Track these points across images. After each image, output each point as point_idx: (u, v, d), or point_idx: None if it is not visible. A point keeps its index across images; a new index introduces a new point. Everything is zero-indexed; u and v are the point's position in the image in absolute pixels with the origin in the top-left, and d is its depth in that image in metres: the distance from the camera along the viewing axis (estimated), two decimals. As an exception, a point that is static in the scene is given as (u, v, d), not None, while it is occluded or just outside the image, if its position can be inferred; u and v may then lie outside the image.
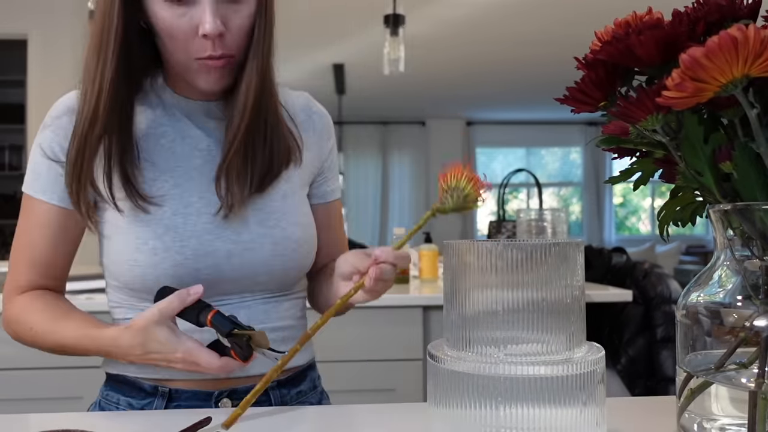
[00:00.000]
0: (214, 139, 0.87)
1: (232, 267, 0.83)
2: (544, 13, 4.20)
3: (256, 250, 0.84)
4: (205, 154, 0.86)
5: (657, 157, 0.60)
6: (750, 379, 0.53)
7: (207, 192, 0.84)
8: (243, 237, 0.83)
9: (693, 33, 0.52)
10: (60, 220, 0.84)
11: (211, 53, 0.77)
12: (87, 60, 0.79)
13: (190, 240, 0.81)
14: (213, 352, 0.73)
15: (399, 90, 6.28)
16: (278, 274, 0.86)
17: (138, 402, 0.85)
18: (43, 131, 0.84)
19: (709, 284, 0.57)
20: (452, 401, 0.55)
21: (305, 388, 0.93)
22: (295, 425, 0.71)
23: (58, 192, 0.83)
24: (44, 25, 3.60)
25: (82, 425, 0.68)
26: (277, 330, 0.87)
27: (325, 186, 0.97)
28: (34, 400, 1.74)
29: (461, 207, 0.72)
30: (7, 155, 4.72)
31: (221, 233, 0.83)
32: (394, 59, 2.69)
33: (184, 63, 0.79)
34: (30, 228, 0.85)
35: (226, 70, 0.80)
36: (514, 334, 0.54)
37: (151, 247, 0.80)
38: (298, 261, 0.87)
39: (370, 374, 1.83)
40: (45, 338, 0.83)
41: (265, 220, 0.85)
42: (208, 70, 0.78)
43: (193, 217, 0.83)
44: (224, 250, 0.83)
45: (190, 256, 0.81)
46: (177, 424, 0.67)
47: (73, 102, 0.84)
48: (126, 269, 0.82)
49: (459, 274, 0.56)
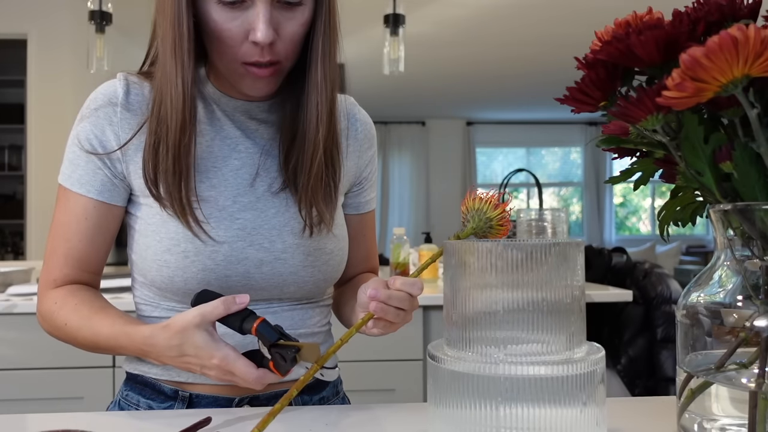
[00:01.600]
0: (253, 142, 0.85)
1: (262, 276, 0.82)
2: (545, 13, 4.20)
3: (288, 260, 0.82)
4: (243, 156, 0.84)
5: (657, 157, 0.60)
6: (750, 379, 0.53)
7: (242, 196, 0.82)
8: (276, 246, 0.82)
9: (693, 33, 0.52)
10: (98, 213, 0.81)
11: (258, 59, 0.75)
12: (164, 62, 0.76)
13: (222, 246, 0.80)
14: (250, 362, 0.69)
15: (399, 90, 6.28)
16: (307, 285, 0.85)
17: (158, 405, 0.84)
18: (80, 122, 0.81)
19: (710, 284, 0.57)
20: (452, 401, 0.55)
21: (328, 394, 0.92)
22: (295, 425, 0.71)
23: (97, 185, 0.81)
24: (44, 25, 3.60)
25: (83, 425, 0.68)
26: (302, 337, 0.87)
27: (361, 196, 0.95)
28: (34, 400, 1.74)
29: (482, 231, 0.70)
30: (6, 155, 4.72)
31: (254, 240, 0.81)
32: (394, 59, 2.68)
33: (230, 66, 0.77)
34: (67, 221, 0.81)
35: (273, 77, 0.78)
36: (514, 334, 0.54)
37: (182, 250, 0.79)
38: (328, 273, 0.86)
39: (370, 374, 1.83)
40: (79, 334, 0.79)
41: (299, 230, 0.83)
42: (254, 76, 0.77)
43: (226, 221, 0.80)
44: (256, 259, 0.81)
45: (221, 262, 0.79)
46: (177, 424, 0.67)
47: (115, 92, 0.81)
48: (155, 268, 0.80)
49: (459, 274, 0.56)
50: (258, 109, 0.86)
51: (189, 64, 0.75)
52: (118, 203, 0.83)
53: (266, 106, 0.86)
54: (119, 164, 0.81)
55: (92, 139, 0.80)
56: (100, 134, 0.80)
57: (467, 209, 0.71)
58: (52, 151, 3.58)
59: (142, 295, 0.86)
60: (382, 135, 7.85)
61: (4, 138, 4.62)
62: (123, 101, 0.80)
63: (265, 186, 0.84)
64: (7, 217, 4.59)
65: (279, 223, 0.83)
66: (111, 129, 0.80)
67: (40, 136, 3.60)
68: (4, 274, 2.01)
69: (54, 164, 3.93)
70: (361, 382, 1.80)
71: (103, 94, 0.81)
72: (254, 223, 0.82)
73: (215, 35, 0.75)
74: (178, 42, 0.74)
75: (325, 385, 0.92)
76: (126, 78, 0.82)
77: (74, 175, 0.81)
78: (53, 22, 3.60)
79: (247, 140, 0.84)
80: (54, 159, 3.61)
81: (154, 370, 0.85)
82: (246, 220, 0.81)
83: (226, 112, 0.85)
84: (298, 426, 0.71)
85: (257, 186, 0.83)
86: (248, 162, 0.84)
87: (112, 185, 0.81)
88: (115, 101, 0.80)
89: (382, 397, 1.84)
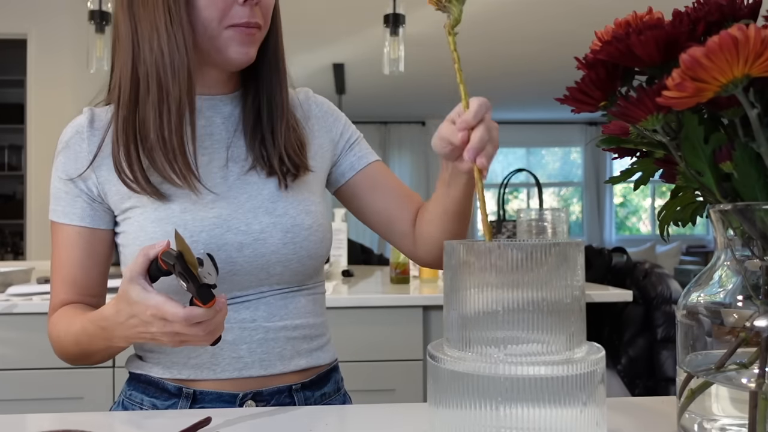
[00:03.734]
0: (219, 136, 0.88)
1: (245, 259, 0.84)
2: (545, 13, 4.20)
3: (267, 240, 0.84)
4: (209, 151, 0.87)
5: (657, 157, 0.60)
6: (750, 380, 0.53)
7: (214, 188, 0.85)
8: (253, 227, 0.84)
9: (693, 33, 0.52)
10: (83, 239, 0.86)
11: (248, 20, 0.80)
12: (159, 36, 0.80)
13: (200, 235, 0.82)
14: (179, 303, 0.68)
15: (399, 90, 6.28)
16: (292, 264, 0.86)
17: (162, 403, 0.85)
18: (56, 159, 0.88)
19: (710, 284, 0.57)
20: (452, 401, 0.55)
21: (329, 390, 0.93)
22: (295, 425, 0.71)
23: (78, 212, 0.86)
24: (44, 25, 3.60)
25: (83, 425, 0.68)
26: (298, 327, 0.88)
27: (351, 155, 0.97)
28: (34, 400, 1.74)
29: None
30: (6, 155, 4.72)
31: (231, 226, 0.84)
32: (394, 59, 2.68)
33: (216, 34, 0.81)
34: (59, 252, 0.87)
35: (256, 41, 0.83)
36: (514, 334, 0.54)
37: None
38: (310, 249, 0.87)
39: (370, 374, 1.83)
40: (66, 340, 0.84)
41: (273, 209, 0.86)
42: (242, 38, 0.81)
43: (201, 213, 0.83)
44: (235, 242, 0.83)
45: (202, 251, 0.81)
46: (178, 424, 0.67)
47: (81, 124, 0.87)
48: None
49: (459, 274, 0.56)
50: (221, 103, 0.89)
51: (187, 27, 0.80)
52: (101, 226, 0.87)
53: (228, 98, 0.90)
54: (95, 188, 0.86)
55: (68, 170, 0.86)
56: (73, 163, 0.86)
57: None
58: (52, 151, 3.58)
59: None
60: (382, 135, 7.85)
61: (4, 138, 4.63)
62: (88, 128, 0.86)
63: (234, 175, 0.87)
64: (7, 217, 4.59)
65: (253, 206, 0.85)
66: (82, 156, 0.86)
67: (40, 136, 3.60)
68: (4, 274, 2.01)
69: (54, 164, 3.83)
70: (361, 382, 1.80)
71: (71, 127, 0.88)
72: (229, 209, 0.84)
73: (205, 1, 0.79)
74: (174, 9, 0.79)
75: (326, 380, 0.92)
76: (90, 109, 0.89)
77: (58, 209, 0.87)
78: (53, 22, 3.60)
79: (212, 135, 0.88)
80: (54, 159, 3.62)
81: (157, 369, 0.86)
82: (221, 208, 0.84)
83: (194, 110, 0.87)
84: (298, 426, 0.71)
85: (227, 176, 0.86)
86: (215, 156, 0.87)
87: (91, 210, 0.86)
88: (81, 130, 0.87)
89: (382, 397, 1.84)
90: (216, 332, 0.70)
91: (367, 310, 1.82)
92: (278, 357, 0.86)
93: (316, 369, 0.91)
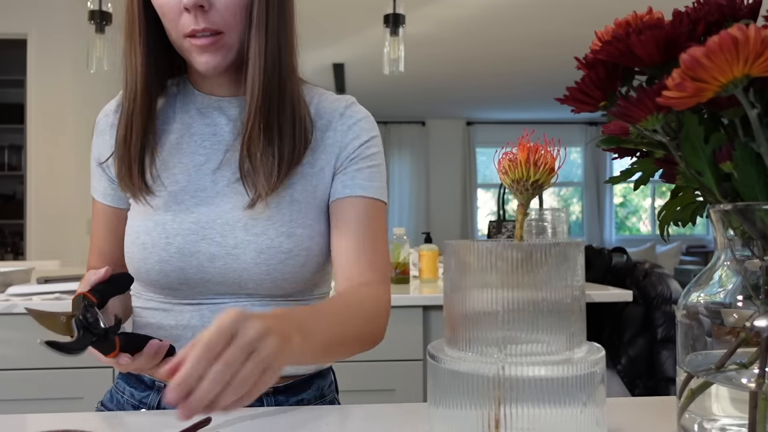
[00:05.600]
0: (221, 138, 0.87)
1: (217, 270, 0.82)
2: (545, 13, 4.20)
3: (239, 256, 0.81)
4: (209, 152, 0.86)
5: (657, 157, 0.60)
6: (750, 380, 0.53)
7: (201, 191, 0.84)
8: (228, 241, 0.82)
9: (693, 33, 0.52)
10: (106, 216, 0.93)
11: (194, 27, 0.76)
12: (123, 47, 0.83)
13: (175, 238, 0.82)
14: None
15: (399, 90, 6.28)
16: (266, 284, 0.82)
17: (138, 394, 0.88)
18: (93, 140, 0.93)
19: (710, 284, 0.57)
20: (452, 401, 0.55)
21: (309, 397, 0.90)
22: (295, 425, 0.71)
23: (101, 191, 0.92)
24: (44, 25, 3.60)
25: (83, 425, 0.68)
26: None
27: (338, 182, 0.87)
28: (34, 400, 1.74)
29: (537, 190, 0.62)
30: (6, 155, 4.71)
31: (206, 234, 0.82)
32: (394, 59, 2.68)
33: (178, 43, 0.80)
34: (94, 223, 0.95)
35: (217, 48, 0.78)
36: (514, 334, 0.54)
37: (141, 242, 0.83)
38: (286, 272, 0.82)
39: (370, 374, 1.83)
40: None
41: (252, 226, 0.82)
42: (196, 49, 0.78)
43: (181, 215, 0.83)
44: (208, 253, 0.82)
45: (174, 254, 0.82)
46: (178, 424, 0.67)
47: (110, 107, 0.91)
48: (127, 260, 0.86)
49: (459, 274, 0.56)
50: (229, 105, 0.88)
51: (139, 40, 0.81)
52: (120, 206, 0.92)
53: (236, 101, 0.88)
54: (110, 170, 0.90)
55: (94, 151, 0.92)
56: (100, 146, 0.91)
57: (514, 180, 0.62)
58: (52, 151, 3.58)
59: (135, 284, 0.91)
60: (382, 135, 7.81)
61: (4, 138, 4.62)
62: (114, 111, 0.89)
63: (225, 181, 0.85)
64: (7, 217, 4.59)
65: (232, 219, 0.83)
66: (104, 138, 0.90)
67: (40, 136, 3.60)
68: (4, 274, 2.01)
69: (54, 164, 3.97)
70: (361, 382, 1.80)
71: (102, 110, 0.93)
72: (208, 217, 0.83)
73: (160, 11, 0.79)
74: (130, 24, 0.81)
75: (306, 387, 0.90)
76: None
77: (93, 184, 0.94)
78: (53, 22, 3.60)
79: (214, 137, 0.87)
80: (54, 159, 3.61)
81: None
82: (201, 213, 0.83)
83: (200, 109, 0.88)
84: (298, 426, 0.71)
85: (218, 180, 0.85)
86: (212, 157, 0.86)
87: (112, 190, 0.91)
88: (108, 113, 0.91)
89: (382, 397, 1.84)
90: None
91: (367, 310, 1.81)
92: None
93: (293, 377, 0.88)
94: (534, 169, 0.62)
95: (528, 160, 0.62)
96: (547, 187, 0.64)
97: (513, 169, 0.63)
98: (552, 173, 0.63)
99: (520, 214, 0.63)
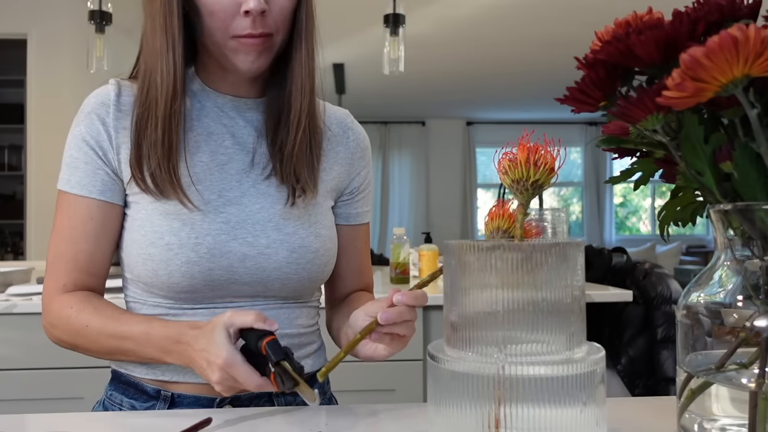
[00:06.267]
0: (241, 138, 0.86)
1: (246, 270, 0.82)
2: (545, 13, 4.20)
3: (271, 256, 0.83)
4: (230, 151, 0.85)
5: (657, 157, 0.60)
6: (750, 380, 0.53)
7: (227, 191, 0.84)
8: (260, 240, 0.83)
9: (693, 33, 0.52)
10: (102, 213, 0.83)
11: (251, 31, 0.77)
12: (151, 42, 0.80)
13: (206, 238, 0.81)
14: (253, 369, 0.69)
15: (399, 90, 6.28)
16: (292, 283, 0.85)
17: (140, 404, 0.85)
18: (76, 127, 0.84)
19: (710, 284, 0.57)
20: (452, 401, 0.55)
21: None
22: (295, 426, 0.71)
23: (98, 185, 0.82)
24: (44, 25, 3.60)
25: (83, 426, 0.68)
26: (287, 337, 0.87)
27: (351, 207, 0.95)
28: (34, 400, 1.74)
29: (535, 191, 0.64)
30: (6, 155, 4.71)
31: (237, 234, 0.82)
32: (394, 59, 2.68)
33: (222, 42, 0.79)
34: (71, 225, 0.82)
35: (264, 49, 0.80)
36: (514, 334, 0.54)
37: (166, 242, 0.80)
38: (312, 271, 0.86)
39: (370, 374, 1.83)
40: (102, 334, 0.79)
41: (284, 226, 0.84)
42: (247, 49, 0.78)
43: (210, 215, 0.82)
44: (239, 253, 0.82)
45: (204, 254, 0.80)
46: (178, 424, 0.67)
47: (107, 95, 0.83)
48: (140, 263, 0.81)
49: (459, 274, 0.56)
50: (245, 106, 0.88)
51: (179, 38, 0.78)
52: (119, 202, 0.84)
53: (253, 103, 0.88)
54: (114, 162, 0.83)
55: (89, 140, 0.82)
56: (96, 134, 0.82)
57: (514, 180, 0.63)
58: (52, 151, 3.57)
59: (131, 293, 0.88)
60: (382, 135, 7.84)
61: (4, 138, 4.62)
62: (115, 102, 0.83)
63: (250, 181, 0.85)
64: (7, 217, 4.59)
65: (263, 219, 0.84)
66: (104, 129, 0.82)
67: (40, 136, 3.60)
68: (4, 274, 2.01)
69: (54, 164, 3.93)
70: (362, 382, 1.80)
71: (95, 96, 0.84)
72: (238, 217, 0.83)
73: (206, 10, 0.77)
74: (169, 18, 0.78)
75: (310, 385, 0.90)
76: (118, 82, 0.85)
77: (73, 179, 0.83)
78: (53, 22, 3.60)
79: (234, 137, 0.86)
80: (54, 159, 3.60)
81: (138, 369, 0.85)
82: (230, 214, 0.83)
83: (215, 108, 0.87)
84: (297, 426, 0.71)
85: (243, 181, 0.85)
86: (235, 157, 0.85)
87: (112, 183, 0.83)
88: (107, 102, 0.83)
89: (382, 397, 1.84)
90: None
91: (367, 310, 1.82)
92: None
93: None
94: (534, 169, 0.63)
95: (528, 160, 0.63)
96: (547, 187, 0.64)
97: (513, 169, 0.63)
98: (552, 173, 0.64)
99: (520, 214, 0.64)
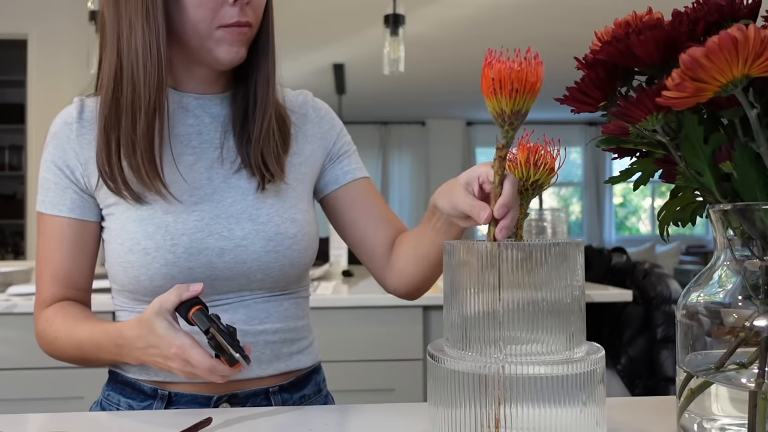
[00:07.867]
0: (208, 136, 0.87)
1: (226, 264, 0.83)
2: (545, 14, 4.20)
3: (248, 247, 0.83)
4: (197, 151, 0.86)
5: (657, 157, 0.60)
6: (750, 379, 0.53)
7: (198, 189, 0.84)
8: (235, 233, 0.83)
9: (693, 33, 0.52)
10: (73, 231, 0.85)
11: (238, 19, 0.79)
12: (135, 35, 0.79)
13: (181, 238, 0.81)
14: (205, 351, 0.69)
15: (399, 90, 6.28)
16: (274, 272, 0.85)
17: (138, 404, 0.85)
18: (45, 150, 0.86)
19: (709, 284, 0.57)
20: (452, 401, 0.55)
21: (309, 392, 0.92)
22: (295, 425, 0.71)
23: (67, 203, 0.85)
24: (44, 25, 3.60)
25: (83, 426, 0.68)
26: (279, 331, 0.87)
27: (338, 168, 0.95)
28: (34, 400, 1.74)
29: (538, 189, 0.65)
30: (7, 155, 4.71)
31: (213, 230, 0.83)
32: (394, 59, 2.68)
33: (206, 34, 0.80)
34: (47, 243, 0.86)
35: (246, 40, 0.82)
36: (514, 334, 0.54)
37: (143, 248, 0.81)
38: (293, 258, 0.86)
39: (370, 374, 1.83)
40: (66, 345, 0.83)
41: (257, 216, 0.85)
42: (232, 38, 0.80)
43: (183, 215, 0.82)
44: (216, 248, 0.82)
45: (182, 254, 0.81)
46: (178, 424, 0.67)
47: (69, 114, 0.86)
48: (121, 271, 0.83)
49: (459, 274, 0.56)
50: (211, 102, 0.88)
51: (163, 30, 0.79)
52: (90, 218, 0.86)
53: (217, 98, 0.89)
54: (82, 179, 0.85)
55: (57, 161, 0.85)
56: (62, 154, 0.85)
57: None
58: (52, 151, 3.57)
59: (118, 302, 0.89)
60: (382, 135, 7.84)
61: (4, 138, 4.62)
62: (77, 119, 0.85)
63: (221, 177, 0.86)
64: (7, 217, 4.59)
65: (237, 211, 0.84)
66: (70, 147, 0.84)
67: (40, 136, 3.59)
68: (4, 274, 2.01)
69: (54, 164, 3.79)
70: (361, 382, 1.80)
71: (59, 118, 0.87)
72: (212, 213, 0.84)
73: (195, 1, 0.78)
74: (151, 10, 0.78)
75: (306, 382, 0.91)
76: (81, 100, 0.87)
77: (46, 200, 0.86)
78: (53, 22, 3.60)
79: (200, 135, 0.87)
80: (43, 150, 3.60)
81: (134, 370, 0.86)
82: (203, 211, 0.83)
83: (179, 108, 0.87)
84: (297, 426, 0.71)
85: (213, 177, 0.85)
86: (203, 156, 0.86)
87: (81, 201, 0.85)
88: (70, 121, 0.85)
89: (382, 397, 1.84)
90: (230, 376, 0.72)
91: (367, 310, 1.82)
92: (256, 361, 0.84)
93: (296, 372, 0.90)
94: (534, 169, 0.63)
95: (528, 160, 0.63)
96: (547, 187, 0.65)
97: (513, 169, 0.64)
98: (552, 173, 0.64)
99: (520, 214, 0.64)
